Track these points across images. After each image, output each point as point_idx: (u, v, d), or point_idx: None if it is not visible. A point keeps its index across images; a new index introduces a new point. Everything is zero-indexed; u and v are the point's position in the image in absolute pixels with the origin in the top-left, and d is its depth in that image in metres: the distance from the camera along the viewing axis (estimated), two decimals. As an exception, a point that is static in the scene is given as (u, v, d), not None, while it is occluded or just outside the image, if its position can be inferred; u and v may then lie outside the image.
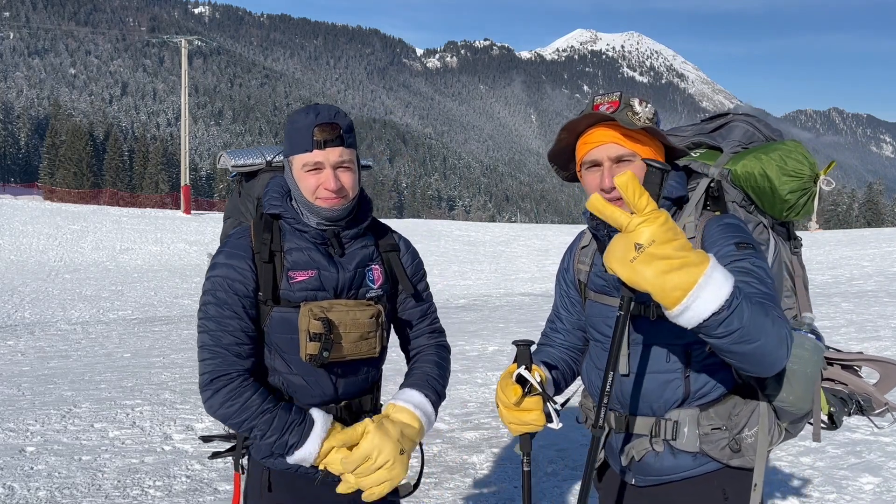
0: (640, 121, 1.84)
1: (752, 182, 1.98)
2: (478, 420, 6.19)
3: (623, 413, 1.99)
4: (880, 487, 4.48)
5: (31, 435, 5.67)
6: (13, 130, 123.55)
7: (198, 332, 1.96)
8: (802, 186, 1.96)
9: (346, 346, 1.94)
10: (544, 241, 34.06)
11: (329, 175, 1.93)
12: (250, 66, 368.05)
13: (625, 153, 1.84)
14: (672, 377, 1.90)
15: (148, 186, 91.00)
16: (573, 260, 2.16)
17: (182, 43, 51.94)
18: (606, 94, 1.89)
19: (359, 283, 2.04)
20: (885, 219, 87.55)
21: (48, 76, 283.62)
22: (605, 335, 2.01)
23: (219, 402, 1.87)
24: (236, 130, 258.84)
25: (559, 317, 2.23)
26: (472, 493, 4.58)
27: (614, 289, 1.97)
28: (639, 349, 1.93)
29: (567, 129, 1.90)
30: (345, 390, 2.04)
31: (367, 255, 2.07)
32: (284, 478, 2.02)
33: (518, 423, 1.95)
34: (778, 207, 1.99)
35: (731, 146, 2.09)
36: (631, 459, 1.98)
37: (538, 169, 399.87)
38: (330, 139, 1.92)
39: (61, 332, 11.45)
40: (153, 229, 34.34)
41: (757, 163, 1.96)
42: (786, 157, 1.95)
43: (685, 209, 1.93)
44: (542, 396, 1.94)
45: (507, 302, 15.62)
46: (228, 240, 2.05)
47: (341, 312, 1.93)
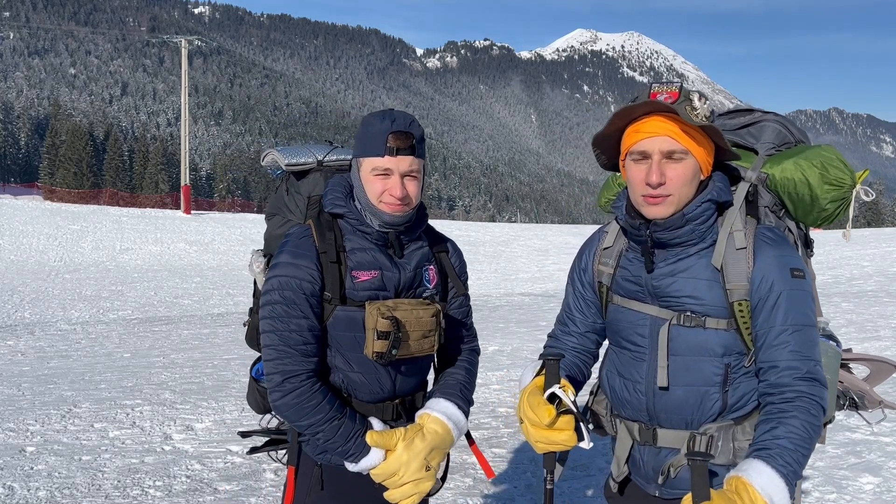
0: (698, 117, 1.75)
1: (790, 188, 1.91)
2: (478, 420, 6.19)
3: (649, 425, 1.91)
4: (880, 487, 4.48)
5: (31, 435, 5.67)
6: (13, 130, 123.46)
7: (262, 331, 2.00)
8: (842, 196, 1.90)
9: (412, 345, 1.99)
10: (544, 241, 34.06)
11: (397, 182, 1.97)
12: (250, 66, 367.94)
13: (677, 149, 1.75)
14: (712, 391, 1.83)
15: (148, 186, 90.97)
16: (593, 260, 2.05)
17: (182, 43, 51.94)
18: (666, 84, 1.80)
19: (417, 283, 2.09)
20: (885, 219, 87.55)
21: (48, 76, 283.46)
22: (635, 343, 1.91)
23: (290, 404, 1.92)
24: (236, 130, 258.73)
25: (572, 319, 2.12)
26: (471, 493, 4.58)
27: (649, 295, 1.88)
28: (677, 360, 1.84)
29: (620, 114, 1.79)
30: (401, 387, 2.09)
31: (424, 255, 2.12)
32: (336, 474, 2.07)
33: (547, 442, 1.87)
34: (814, 215, 1.94)
35: (765, 148, 2.00)
36: (667, 476, 1.88)
37: (538, 169, 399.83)
38: (402, 147, 1.95)
39: (61, 332, 11.45)
40: (153, 229, 34.35)
41: (798, 169, 1.89)
42: (828, 164, 1.88)
43: (728, 214, 1.83)
44: (575, 416, 1.87)
45: (507, 302, 15.62)
46: (289, 239, 2.06)
47: (406, 311, 1.97)
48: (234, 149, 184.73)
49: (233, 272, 21.93)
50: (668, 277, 1.83)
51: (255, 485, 4.66)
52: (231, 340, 10.58)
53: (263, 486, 4.64)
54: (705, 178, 1.82)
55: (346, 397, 2.04)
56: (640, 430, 1.93)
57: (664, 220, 1.79)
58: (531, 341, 10.01)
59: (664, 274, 1.84)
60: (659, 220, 1.79)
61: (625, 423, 1.98)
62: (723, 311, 1.79)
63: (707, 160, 1.80)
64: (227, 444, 5.51)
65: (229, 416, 6.31)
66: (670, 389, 1.85)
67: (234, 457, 5.21)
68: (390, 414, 2.08)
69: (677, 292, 1.82)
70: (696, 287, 1.80)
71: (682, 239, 1.80)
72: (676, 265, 1.82)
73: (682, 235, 1.80)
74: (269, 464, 5.00)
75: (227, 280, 20.01)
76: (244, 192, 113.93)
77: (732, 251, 1.79)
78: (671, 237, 1.80)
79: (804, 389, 1.70)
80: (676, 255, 1.83)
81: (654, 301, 1.87)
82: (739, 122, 2.08)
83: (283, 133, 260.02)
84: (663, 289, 1.84)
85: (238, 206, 77.99)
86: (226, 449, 5.39)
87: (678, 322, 1.82)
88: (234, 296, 16.68)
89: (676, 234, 1.79)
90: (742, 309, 1.77)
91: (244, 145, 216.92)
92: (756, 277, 1.76)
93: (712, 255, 1.80)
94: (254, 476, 4.81)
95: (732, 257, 1.79)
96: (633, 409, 1.93)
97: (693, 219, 1.78)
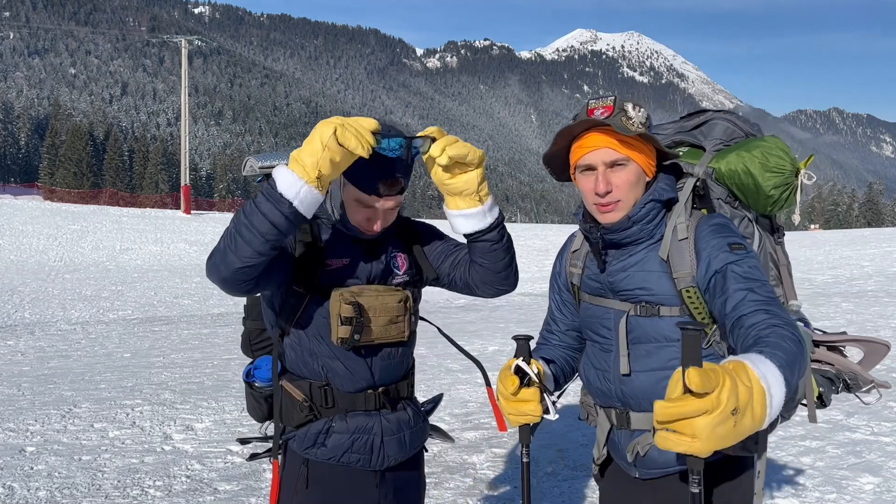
0: (633, 126, 1.87)
1: (736, 179, 2.03)
2: (478, 420, 6.19)
3: (623, 410, 2.02)
4: (880, 487, 4.48)
5: (31, 435, 5.67)
6: (13, 130, 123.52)
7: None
8: (785, 181, 2.00)
9: (375, 330, 2.01)
10: (544, 241, 34.07)
11: (378, 216, 2.01)
12: (250, 65, 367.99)
13: (619, 158, 1.88)
14: (671, 374, 1.88)
15: (148, 186, 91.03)
16: (565, 263, 2.20)
17: (182, 43, 51.96)
18: (601, 99, 1.92)
19: (388, 272, 2.11)
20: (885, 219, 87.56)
21: (48, 76, 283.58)
22: (602, 336, 2.05)
23: (212, 264, 1.84)
24: (236, 130, 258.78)
25: (554, 319, 2.27)
26: (472, 492, 4.58)
27: (609, 291, 2.01)
28: (638, 348, 1.97)
29: (562, 134, 1.93)
30: (381, 377, 2.10)
31: (393, 244, 2.15)
32: (324, 470, 2.08)
33: (517, 413, 2.00)
34: (762, 203, 2.04)
35: (712, 144, 2.13)
36: (636, 455, 2.01)
37: (538, 169, 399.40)
38: (390, 193, 1.97)
39: (61, 332, 11.46)
40: (153, 229, 34.35)
41: (739, 160, 2.01)
42: (767, 153, 2.00)
43: (674, 210, 1.96)
44: (540, 388, 1.99)
45: (507, 302, 15.62)
46: None
47: (371, 297, 2.00)
48: (234, 149, 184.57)
49: (233, 272, 21.94)
50: (620, 273, 1.97)
51: (254, 485, 4.66)
52: (231, 340, 10.58)
53: (263, 486, 4.64)
54: (651, 179, 1.96)
55: (327, 387, 2.06)
56: (616, 415, 2.04)
57: (611, 224, 1.93)
58: (531, 342, 10.01)
59: (617, 270, 1.98)
60: (607, 225, 1.94)
61: (603, 409, 2.10)
62: (674, 298, 1.91)
63: (649, 163, 1.93)
64: (226, 444, 5.51)
65: (229, 416, 6.31)
66: (634, 375, 1.97)
67: (234, 457, 5.21)
68: (373, 404, 2.09)
69: (630, 285, 1.95)
70: (646, 279, 1.93)
71: (631, 238, 1.94)
72: (627, 261, 1.96)
73: (630, 235, 1.94)
74: (269, 464, 5.00)
75: (227, 280, 20.04)
76: (244, 192, 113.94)
77: (676, 242, 1.91)
78: (621, 237, 1.94)
79: (777, 323, 1.66)
80: (629, 252, 1.96)
81: (614, 296, 2.01)
82: (693, 122, 2.22)
83: (283, 133, 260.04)
84: (618, 283, 1.98)
85: (238, 205, 77.62)
86: (226, 449, 5.39)
87: (635, 313, 1.95)
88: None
89: (625, 234, 1.94)
90: (690, 295, 1.88)
91: (244, 145, 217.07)
92: (701, 262, 1.86)
93: (659, 248, 1.93)
94: (254, 476, 4.82)
95: (677, 248, 1.91)
96: (607, 396, 2.06)
97: (638, 220, 1.91)
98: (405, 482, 2.18)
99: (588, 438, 5.51)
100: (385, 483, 2.12)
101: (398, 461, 2.12)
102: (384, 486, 2.12)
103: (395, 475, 2.15)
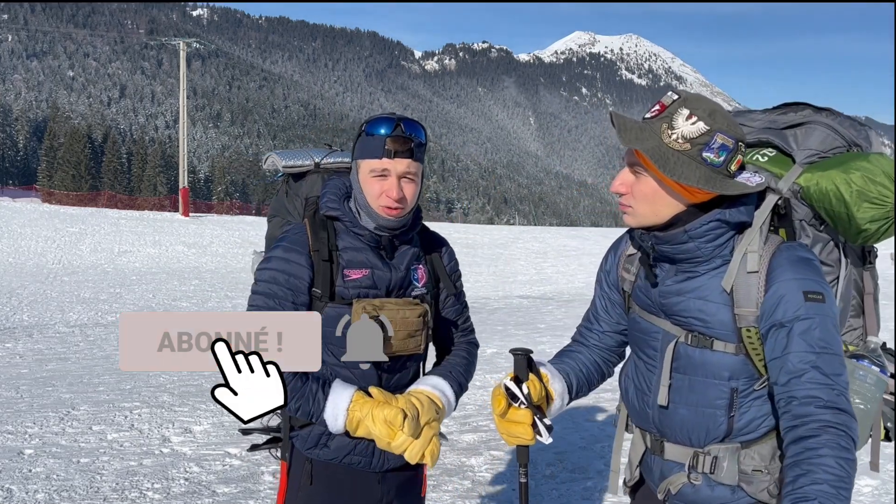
0: (670, 138, 1.64)
1: (825, 203, 1.72)
2: (476, 423, 6.19)
3: (659, 437, 1.88)
4: (878, 490, 4.49)
5: (30, 437, 5.66)
6: (11, 133, 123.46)
7: None
8: (885, 216, 1.67)
9: (395, 344, 2.02)
10: (543, 244, 34.09)
11: (394, 183, 2.00)
12: (248, 68, 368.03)
13: (635, 162, 1.71)
14: (717, 413, 1.77)
15: (146, 189, 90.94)
16: (618, 264, 2.01)
17: (180, 45, 51.90)
18: (672, 94, 1.68)
19: (407, 283, 2.12)
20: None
21: (46, 79, 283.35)
22: (647, 356, 1.89)
23: None
24: (235, 133, 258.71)
25: (597, 318, 2.09)
26: (470, 495, 4.59)
27: (659, 310, 1.83)
28: (682, 379, 1.79)
29: None
30: (387, 387, 2.11)
31: (414, 255, 2.15)
32: (327, 469, 2.10)
33: (507, 434, 1.90)
34: (853, 234, 1.74)
35: (804, 156, 1.79)
36: (667, 493, 1.87)
37: (536, 171, 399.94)
38: (401, 150, 1.99)
39: (59, 335, 11.44)
40: (151, 232, 34.31)
41: (832, 182, 1.69)
42: (869, 179, 1.66)
43: (746, 234, 1.70)
44: (531, 410, 1.85)
45: (506, 304, 15.63)
46: (286, 235, 2.11)
47: (392, 311, 2.01)
48: (232, 151, 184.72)
49: (231, 274, 21.90)
50: (675, 296, 1.77)
51: (253, 487, 4.66)
52: (229, 343, 10.56)
53: (261, 488, 4.64)
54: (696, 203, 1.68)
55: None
56: (651, 440, 1.91)
57: (664, 234, 1.72)
58: (530, 344, 10.01)
59: (672, 292, 1.78)
60: (659, 234, 1.73)
61: (639, 430, 1.96)
62: (731, 335, 1.71)
63: (685, 190, 1.66)
64: (225, 446, 5.51)
65: (227, 418, 6.30)
66: (674, 408, 1.81)
67: (233, 459, 5.21)
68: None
69: (684, 311, 1.76)
70: (703, 308, 1.72)
71: (687, 255, 1.72)
72: (685, 284, 1.76)
73: (686, 251, 1.71)
74: (268, 466, 5.01)
75: (225, 282, 19.99)
76: (242, 195, 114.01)
77: (744, 274, 1.68)
78: (675, 252, 1.72)
79: (829, 419, 1.55)
80: (686, 272, 1.76)
81: (666, 317, 1.82)
82: (787, 119, 1.89)
83: (282, 136, 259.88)
84: (671, 306, 1.79)
85: (236, 208, 77.88)
86: (224, 451, 5.39)
87: (685, 341, 1.76)
88: (232, 298, 16.66)
89: (679, 248, 1.71)
90: (751, 336, 1.69)
91: (243, 148, 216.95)
92: (768, 304, 1.65)
93: (724, 277, 1.70)
94: (252, 478, 4.82)
95: (743, 280, 1.68)
96: (644, 419, 1.92)
97: (696, 236, 1.68)
98: (406, 481, 2.22)
99: (587, 441, 5.50)
100: (386, 481, 2.15)
101: (400, 463, 2.13)
102: (385, 484, 2.15)
103: (396, 475, 2.18)
